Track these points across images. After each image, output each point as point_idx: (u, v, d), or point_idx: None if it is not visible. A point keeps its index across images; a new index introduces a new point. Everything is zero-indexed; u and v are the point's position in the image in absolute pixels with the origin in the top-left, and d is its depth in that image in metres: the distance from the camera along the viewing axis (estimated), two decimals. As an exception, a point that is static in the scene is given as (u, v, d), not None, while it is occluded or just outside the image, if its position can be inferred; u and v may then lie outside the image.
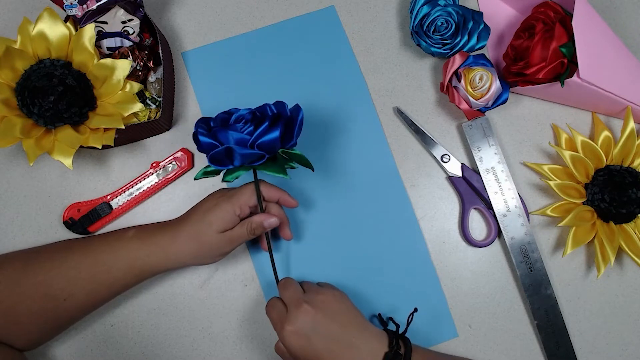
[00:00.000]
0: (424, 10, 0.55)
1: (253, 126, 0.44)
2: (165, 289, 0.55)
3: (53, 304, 0.47)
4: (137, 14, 0.52)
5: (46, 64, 0.48)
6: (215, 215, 0.46)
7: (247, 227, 0.47)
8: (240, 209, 0.47)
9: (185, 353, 0.54)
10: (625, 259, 0.56)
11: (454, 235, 0.57)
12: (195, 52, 0.59)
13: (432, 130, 0.58)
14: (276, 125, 0.44)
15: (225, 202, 0.47)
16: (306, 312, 0.45)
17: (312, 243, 0.56)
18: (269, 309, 0.47)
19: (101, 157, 0.57)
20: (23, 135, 0.46)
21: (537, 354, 0.55)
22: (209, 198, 0.49)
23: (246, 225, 0.47)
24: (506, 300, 0.55)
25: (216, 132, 0.45)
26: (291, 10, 0.60)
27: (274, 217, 0.48)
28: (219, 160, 0.45)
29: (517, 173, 0.58)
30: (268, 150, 0.45)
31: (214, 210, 0.47)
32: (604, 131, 0.55)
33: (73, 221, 0.54)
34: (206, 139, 0.45)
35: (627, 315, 0.56)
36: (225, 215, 0.46)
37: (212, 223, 0.46)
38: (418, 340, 0.51)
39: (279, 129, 0.44)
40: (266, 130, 0.44)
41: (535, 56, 0.53)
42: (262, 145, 0.44)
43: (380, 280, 0.55)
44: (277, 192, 0.49)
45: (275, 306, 0.47)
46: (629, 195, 0.52)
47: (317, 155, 0.57)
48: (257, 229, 0.47)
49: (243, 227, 0.47)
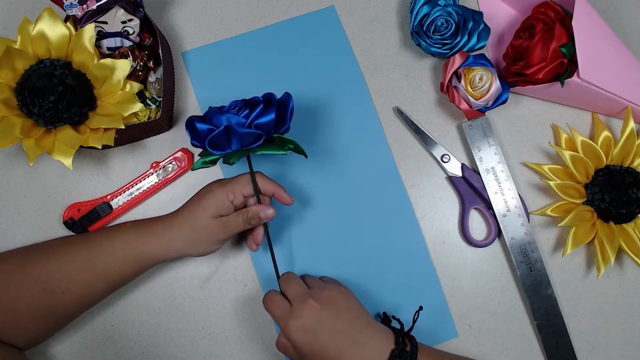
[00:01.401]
0: (424, 10, 0.55)
1: (248, 110, 0.45)
2: (165, 289, 0.55)
3: (51, 299, 0.47)
4: (137, 14, 0.52)
5: (46, 64, 0.48)
6: (208, 200, 0.47)
7: (243, 217, 0.47)
8: (234, 195, 0.47)
9: (185, 353, 0.54)
10: (625, 259, 0.56)
11: (454, 235, 0.57)
12: (195, 52, 0.59)
13: (432, 130, 0.58)
14: (270, 108, 0.45)
15: (219, 188, 0.47)
16: (312, 307, 0.44)
17: (312, 243, 0.56)
18: (269, 303, 0.46)
19: (101, 157, 0.57)
20: (23, 135, 0.46)
21: (537, 354, 0.55)
22: (205, 187, 0.49)
23: (242, 214, 0.47)
24: (506, 300, 0.55)
25: (211, 117, 0.45)
26: (291, 10, 0.60)
27: (271, 209, 0.47)
28: (217, 145, 0.45)
29: (517, 173, 0.58)
30: (265, 131, 0.45)
31: (207, 195, 0.47)
32: (604, 131, 0.55)
33: (73, 221, 0.54)
34: (203, 125, 0.44)
35: (627, 315, 0.56)
36: (218, 200, 0.47)
37: (206, 208, 0.47)
38: (418, 339, 0.51)
39: (274, 111, 0.44)
40: (262, 112, 0.44)
41: (535, 56, 0.53)
42: (259, 125, 0.44)
43: (380, 280, 0.55)
44: (272, 186, 0.49)
45: (276, 300, 0.46)
46: (629, 195, 0.52)
47: (317, 155, 0.57)
48: (253, 219, 0.47)
49: (239, 217, 0.47)
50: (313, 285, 0.47)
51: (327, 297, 0.46)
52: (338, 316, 0.45)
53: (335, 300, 0.46)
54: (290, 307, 0.45)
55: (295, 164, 0.57)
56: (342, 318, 0.45)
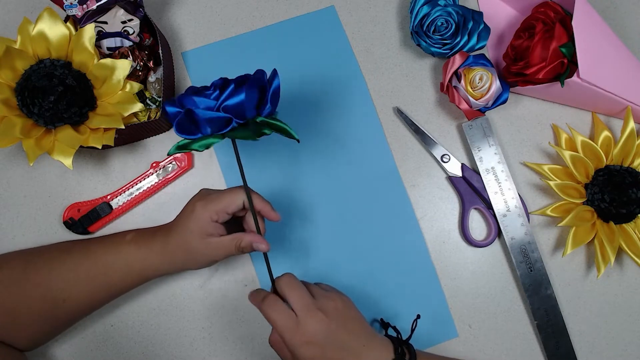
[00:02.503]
0: (424, 10, 0.55)
1: (219, 91, 0.41)
2: (165, 289, 0.55)
3: (52, 305, 0.47)
4: (137, 14, 0.52)
5: (46, 64, 0.48)
6: (192, 222, 0.45)
7: (235, 245, 0.45)
8: (217, 215, 0.45)
9: (185, 353, 0.54)
10: (625, 259, 0.56)
11: (454, 235, 0.57)
12: (195, 52, 0.59)
13: (432, 130, 0.58)
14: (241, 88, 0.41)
15: (201, 208, 0.45)
16: (321, 321, 0.42)
17: (311, 243, 0.56)
18: (270, 311, 0.43)
19: (101, 157, 0.57)
20: (23, 135, 0.46)
21: (537, 354, 0.55)
22: (190, 202, 0.47)
23: (235, 242, 0.45)
24: (506, 300, 0.55)
25: (182, 100, 0.42)
26: (291, 10, 0.60)
27: (265, 244, 0.45)
28: (186, 129, 0.42)
29: (517, 173, 0.58)
30: (236, 114, 0.41)
31: (190, 217, 0.45)
32: (604, 131, 0.55)
33: (73, 221, 0.54)
34: (172, 108, 0.41)
35: (627, 315, 0.56)
36: (201, 222, 0.45)
37: (193, 230, 0.45)
38: (418, 340, 0.51)
39: (244, 92, 0.40)
40: (232, 93, 0.40)
41: (535, 56, 0.53)
42: (227, 108, 0.41)
43: (380, 280, 0.55)
44: (260, 203, 0.46)
45: (279, 308, 0.43)
46: (629, 195, 0.52)
47: (317, 155, 0.57)
48: (245, 249, 0.45)
49: (232, 242, 0.45)
50: (316, 294, 0.44)
51: (333, 309, 0.43)
52: (344, 328, 0.44)
53: (341, 311, 0.44)
54: (296, 317, 0.42)
55: (295, 164, 0.57)
56: (347, 330, 0.44)
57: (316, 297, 0.44)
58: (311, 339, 0.42)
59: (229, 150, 0.56)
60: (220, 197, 0.45)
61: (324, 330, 0.42)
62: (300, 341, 0.42)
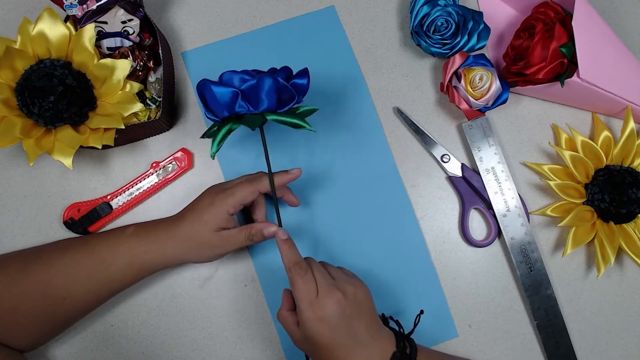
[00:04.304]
0: (424, 10, 0.55)
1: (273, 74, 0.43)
2: (165, 289, 0.55)
3: (53, 304, 0.47)
4: (137, 14, 0.52)
5: (46, 64, 0.48)
6: (210, 214, 0.46)
7: (246, 233, 0.47)
8: (234, 207, 0.47)
9: (185, 353, 0.54)
10: (625, 259, 0.56)
11: (454, 235, 0.57)
12: (195, 52, 0.59)
13: (432, 130, 0.58)
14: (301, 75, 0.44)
15: (221, 200, 0.47)
16: (338, 302, 0.43)
17: (311, 243, 0.56)
18: (296, 276, 0.43)
19: (101, 157, 0.57)
20: (23, 135, 0.46)
21: (537, 354, 0.55)
22: (206, 195, 0.49)
23: (245, 231, 0.47)
24: (506, 300, 0.55)
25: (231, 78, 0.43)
26: (291, 10, 0.60)
27: (274, 227, 0.46)
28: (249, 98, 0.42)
29: (517, 173, 0.58)
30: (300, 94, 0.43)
31: (209, 209, 0.47)
32: (604, 131, 0.55)
33: (73, 221, 0.54)
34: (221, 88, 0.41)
35: (627, 315, 0.56)
36: (220, 214, 0.46)
37: (208, 222, 0.46)
38: (418, 340, 0.51)
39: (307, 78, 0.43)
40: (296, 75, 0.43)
41: (535, 56, 0.53)
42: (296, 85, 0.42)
43: (380, 280, 0.55)
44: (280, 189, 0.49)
45: (305, 276, 0.43)
46: (629, 195, 0.52)
47: (316, 155, 0.57)
48: (256, 236, 0.47)
49: (242, 233, 0.47)
50: (337, 277, 0.45)
51: (352, 293, 0.44)
52: (359, 314, 0.44)
53: (359, 296, 0.45)
54: (317, 293, 0.43)
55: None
56: (361, 317, 0.44)
57: (337, 280, 0.45)
58: (324, 317, 0.42)
59: (229, 150, 0.56)
60: (237, 190, 0.47)
61: (339, 312, 0.43)
62: (315, 315, 0.42)
